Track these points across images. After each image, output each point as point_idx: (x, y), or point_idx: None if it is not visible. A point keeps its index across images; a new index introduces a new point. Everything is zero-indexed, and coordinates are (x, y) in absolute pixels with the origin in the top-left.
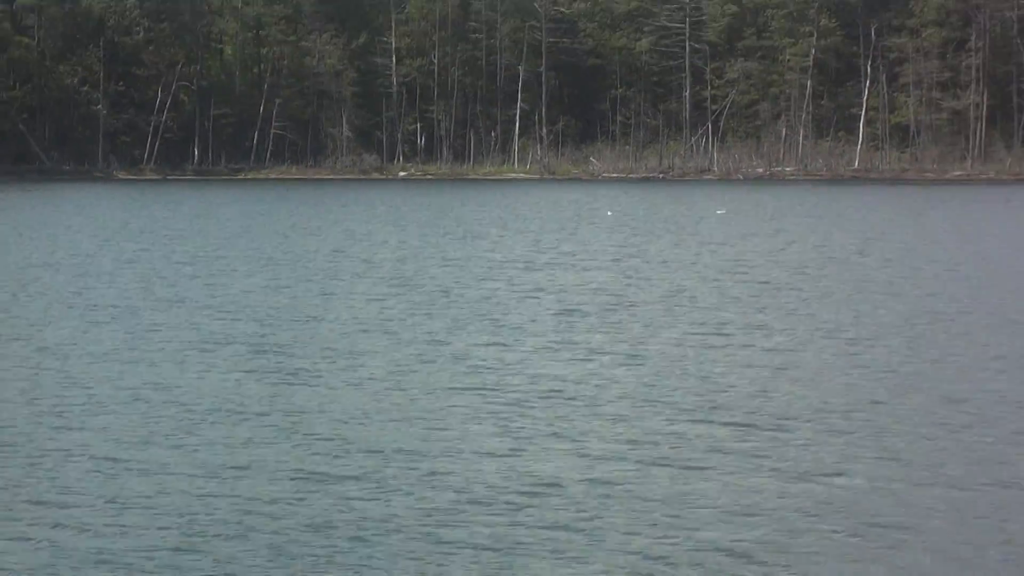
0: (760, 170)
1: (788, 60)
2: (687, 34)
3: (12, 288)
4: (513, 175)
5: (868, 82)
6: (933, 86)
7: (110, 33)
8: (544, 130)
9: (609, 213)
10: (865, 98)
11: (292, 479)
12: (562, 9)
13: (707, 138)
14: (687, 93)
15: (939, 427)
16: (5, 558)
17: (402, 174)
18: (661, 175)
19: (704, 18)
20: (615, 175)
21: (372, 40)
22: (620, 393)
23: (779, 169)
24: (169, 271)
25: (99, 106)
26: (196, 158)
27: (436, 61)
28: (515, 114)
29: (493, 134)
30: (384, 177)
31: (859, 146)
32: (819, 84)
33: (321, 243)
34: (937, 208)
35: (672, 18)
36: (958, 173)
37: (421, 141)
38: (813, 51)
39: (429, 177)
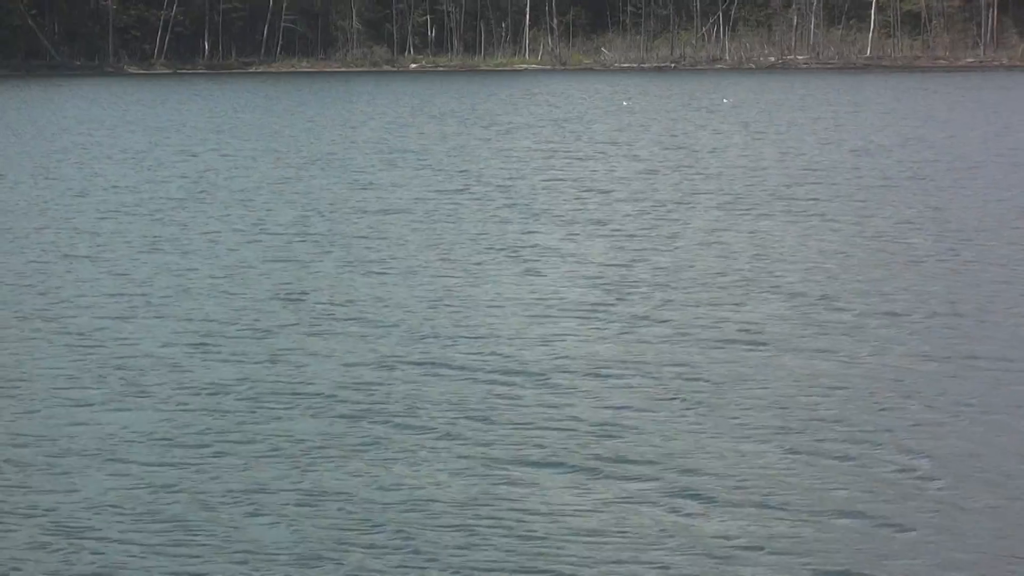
0: (772, 59)
1: None
2: None
3: (76, 183)
4: (524, 66)
5: None
6: None
7: None
8: (555, 20)
9: (625, 103)
10: None
11: (367, 365)
12: None
13: (718, 27)
14: None
15: None
16: (92, 443)
17: (413, 66)
18: (673, 65)
19: None
20: (626, 65)
21: None
22: (713, 280)
23: (791, 58)
24: (222, 164)
25: (108, 1)
26: (206, 52)
27: None
28: (525, 4)
29: (504, 25)
30: (395, 69)
31: (871, 34)
32: None
33: (359, 135)
34: (964, 95)
35: None
36: (970, 60)
37: (431, 33)
38: None
39: (440, 69)
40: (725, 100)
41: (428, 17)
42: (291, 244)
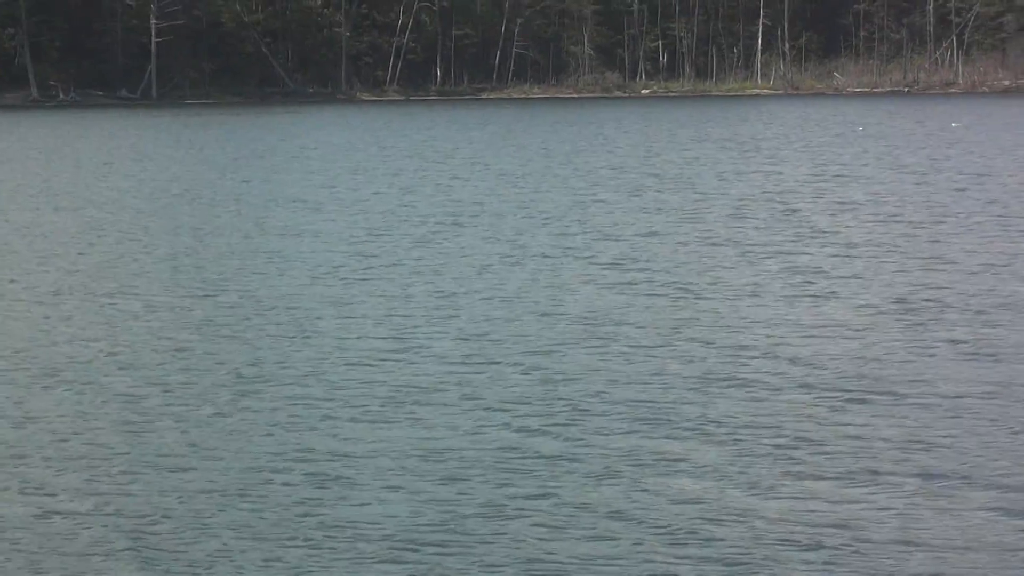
0: (1006, 82)
1: None
2: None
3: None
4: (756, 91)
5: None
6: None
7: None
8: (787, 45)
9: (860, 128)
10: None
11: (659, 382)
12: None
13: (951, 51)
14: (931, 6)
15: None
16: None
17: (645, 92)
18: (906, 89)
19: None
20: (859, 89)
21: None
22: (1005, 301)
23: None
24: (490, 188)
25: (341, 28)
26: (438, 79)
27: None
28: (757, 30)
29: (735, 50)
30: (626, 95)
31: None
32: None
33: (620, 160)
34: None
35: None
36: None
37: (663, 58)
38: None
39: (672, 94)
40: (954, 124)
41: (660, 42)
42: (590, 266)
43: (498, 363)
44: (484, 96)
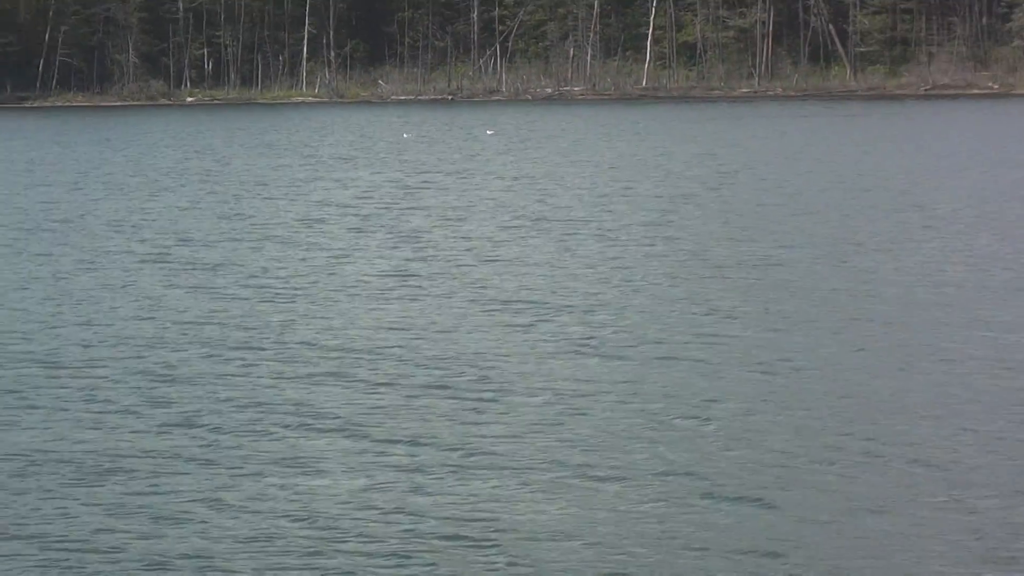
0: (549, 90)
1: None
2: None
3: None
4: (301, 99)
5: (655, 1)
6: (720, 4)
7: None
8: (332, 53)
9: (405, 135)
10: (652, 17)
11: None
12: None
13: (495, 59)
14: (475, 14)
15: None
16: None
17: (189, 99)
18: (450, 97)
19: None
20: (404, 97)
21: None
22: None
23: (568, 89)
24: (58, 195)
25: None
26: None
27: None
28: (303, 38)
29: (281, 58)
30: (171, 103)
31: (647, 65)
32: (606, 3)
33: (180, 166)
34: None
35: None
36: (745, 90)
37: (208, 66)
38: None
39: (217, 102)
40: (489, 132)
41: (205, 50)
42: (178, 271)
43: (106, 367)
44: (27, 105)
